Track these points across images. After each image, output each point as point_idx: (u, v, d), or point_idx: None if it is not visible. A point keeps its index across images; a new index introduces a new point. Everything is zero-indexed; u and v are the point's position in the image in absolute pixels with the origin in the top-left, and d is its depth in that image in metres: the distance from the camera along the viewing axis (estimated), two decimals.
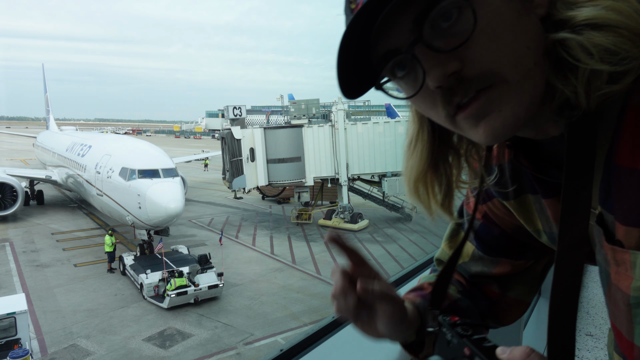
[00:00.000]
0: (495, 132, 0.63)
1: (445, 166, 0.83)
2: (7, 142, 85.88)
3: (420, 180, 0.82)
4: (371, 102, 37.28)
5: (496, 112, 0.61)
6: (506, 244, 1.01)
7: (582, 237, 0.63)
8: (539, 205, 0.85)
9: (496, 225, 1.01)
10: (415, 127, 0.81)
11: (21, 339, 11.13)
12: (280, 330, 13.21)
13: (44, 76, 47.69)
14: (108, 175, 19.13)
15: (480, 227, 1.03)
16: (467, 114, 0.62)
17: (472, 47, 0.58)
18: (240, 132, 23.38)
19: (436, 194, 0.83)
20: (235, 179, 23.46)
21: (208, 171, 47.69)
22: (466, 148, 0.84)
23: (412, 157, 0.82)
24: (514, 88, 0.60)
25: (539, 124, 0.70)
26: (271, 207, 31.14)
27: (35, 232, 23.34)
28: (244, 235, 23.36)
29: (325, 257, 19.79)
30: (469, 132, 0.65)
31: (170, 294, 14.60)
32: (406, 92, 0.68)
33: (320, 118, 27.46)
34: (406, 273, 2.10)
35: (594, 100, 0.59)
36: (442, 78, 0.60)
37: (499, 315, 1.07)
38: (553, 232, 0.86)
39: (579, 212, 0.63)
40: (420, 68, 0.61)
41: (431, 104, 0.65)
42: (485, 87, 0.60)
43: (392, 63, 0.64)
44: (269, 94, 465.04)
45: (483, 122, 0.62)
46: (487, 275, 1.05)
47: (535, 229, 0.91)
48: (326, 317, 1.67)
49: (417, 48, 0.60)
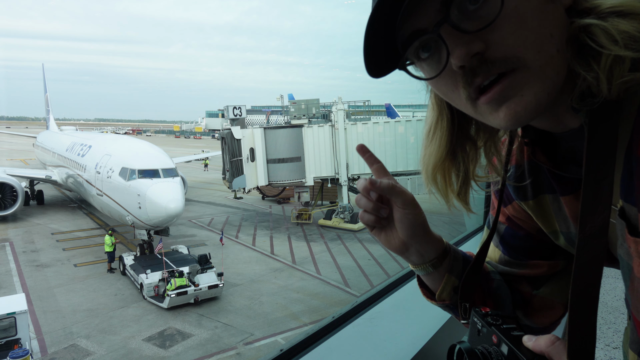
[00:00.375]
0: (516, 116, 0.63)
1: (463, 155, 0.84)
2: (7, 142, 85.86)
3: (439, 168, 0.84)
4: (371, 102, 37.21)
5: (518, 96, 0.62)
6: (533, 245, 1.01)
7: (604, 226, 0.62)
8: (557, 204, 0.86)
9: (521, 228, 1.01)
10: (434, 115, 0.82)
11: (21, 339, 11.12)
12: (280, 330, 13.20)
13: (44, 76, 47.67)
14: (108, 175, 19.13)
15: (506, 231, 1.03)
16: (488, 98, 0.64)
17: (497, 30, 0.60)
18: (240, 132, 23.37)
19: (453, 183, 0.85)
20: (235, 179, 23.45)
21: (208, 171, 47.67)
22: (485, 141, 0.85)
23: (431, 144, 0.84)
24: (536, 73, 0.61)
25: (558, 113, 0.71)
26: (271, 207, 31.13)
27: (35, 232, 23.33)
28: (244, 235, 23.35)
29: (325, 257, 19.79)
30: (489, 118, 0.66)
31: (170, 294, 14.59)
32: (429, 74, 0.69)
33: (320, 118, 27.43)
34: (406, 273, 2.10)
35: (615, 88, 0.60)
36: (465, 57, 0.61)
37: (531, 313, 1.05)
38: (571, 232, 0.86)
39: (600, 200, 0.62)
40: (444, 48, 0.63)
41: (453, 86, 0.67)
42: (508, 71, 0.61)
43: (418, 44, 0.66)
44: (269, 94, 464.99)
45: (504, 106, 0.63)
46: (516, 274, 1.05)
47: (553, 230, 0.91)
48: (326, 317, 1.67)
49: (443, 28, 0.62)
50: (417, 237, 0.88)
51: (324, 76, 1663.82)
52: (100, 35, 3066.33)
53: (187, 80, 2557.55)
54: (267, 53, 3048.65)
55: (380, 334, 1.60)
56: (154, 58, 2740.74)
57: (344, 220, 24.91)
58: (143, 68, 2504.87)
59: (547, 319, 1.05)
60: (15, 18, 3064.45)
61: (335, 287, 16.45)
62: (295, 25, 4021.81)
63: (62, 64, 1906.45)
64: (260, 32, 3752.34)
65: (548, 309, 1.05)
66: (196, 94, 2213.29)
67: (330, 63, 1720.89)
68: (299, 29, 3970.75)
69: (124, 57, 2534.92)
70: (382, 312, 1.80)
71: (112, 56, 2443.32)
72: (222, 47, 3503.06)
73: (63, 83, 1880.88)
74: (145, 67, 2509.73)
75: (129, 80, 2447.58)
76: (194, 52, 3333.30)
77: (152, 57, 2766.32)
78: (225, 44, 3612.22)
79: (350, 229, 24.02)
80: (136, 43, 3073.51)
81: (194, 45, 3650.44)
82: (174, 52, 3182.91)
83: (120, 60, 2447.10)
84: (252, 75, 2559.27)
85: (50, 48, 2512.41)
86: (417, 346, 1.52)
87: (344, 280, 16.89)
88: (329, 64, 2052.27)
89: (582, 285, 0.62)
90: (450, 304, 0.97)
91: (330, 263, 18.99)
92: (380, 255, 19.54)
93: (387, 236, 0.89)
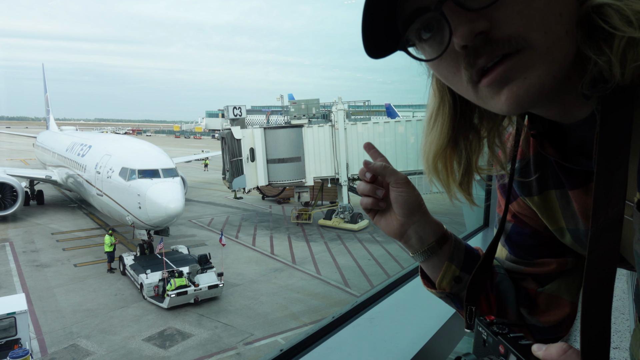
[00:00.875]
0: (518, 100, 0.60)
1: (466, 143, 0.81)
2: (7, 142, 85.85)
3: (440, 156, 0.81)
4: (371, 102, 37.19)
5: (521, 78, 0.59)
6: (540, 243, 0.98)
7: (618, 219, 0.58)
8: (565, 200, 0.83)
9: (527, 225, 0.98)
10: (436, 101, 0.80)
11: (21, 339, 11.12)
12: (280, 330, 13.21)
13: (44, 76, 47.67)
14: (108, 175, 19.14)
15: (512, 229, 1.01)
16: (490, 80, 0.61)
17: (503, 8, 0.57)
18: (240, 132, 23.38)
19: (455, 171, 0.82)
20: (235, 179, 23.46)
21: (208, 171, 47.67)
22: (489, 130, 0.82)
23: (432, 132, 0.81)
24: (542, 55, 0.58)
25: (567, 101, 0.68)
26: (271, 207, 31.13)
27: (35, 232, 23.33)
28: (244, 235, 23.35)
29: (325, 257, 19.79)
30: (491, 102, 0.64)
31: (170, 294, 14.59)
32: (430, 56, 0.66)
33: (320, 118, 27.43)
34: (406, 273, 2.10)
35: (629, 72, 0.56)
36: (469, 36, 0.58)
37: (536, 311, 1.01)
38: (579, 229, 0.83)
39: (614, 192, 0.59)
40: (447, 27, 0.60)
41: (455, 68, 0.64)
42: (512, 52, 0.58)
43: (419, 23, 0.63)
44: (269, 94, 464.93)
45: (506, 88, 0.60)
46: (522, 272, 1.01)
47: (558, 227, 0.89)
48: (326, 317, 1.67)
49: (446, 6, 0.59)
50: (413, 215, 0.88)
51: (324, 76, 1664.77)
52: (100, 35, 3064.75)
53: (187, 80, 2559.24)
54: (267, 53, 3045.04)
55: (380, 334, 1.60)
56: (154, 58, 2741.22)
57: (344, 220, 24.91)
58: (143, 68, 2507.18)
59: (552, 317, 1.01)
60: (15, 18, 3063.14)
61: (335, 287, 16.46)
62: (295, 25, 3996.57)
63: (62, 64, 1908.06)
64: (260, 32, 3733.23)
65: (554, 306, 1.01)
66: (196, 94, 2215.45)
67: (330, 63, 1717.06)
68: (299, 29, 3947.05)
69: (124, 57, 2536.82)
70: (382, 312, 1.80)
71: (112, 56, 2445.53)
72: (222, 47, 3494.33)
73: (63, 83, 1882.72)
74: (145, 67, 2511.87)
75: (129, 80, 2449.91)
76: (194, 52, 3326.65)
77: (152, 57, 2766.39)
78: (225, 44, 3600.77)
79: (350, 229, 24.02)
80: (136, 43, 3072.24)
81: (194, 45, 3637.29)
82: (174, 52, 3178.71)
83: (121, 60, 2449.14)
84: (252, 75, 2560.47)
85: (50, 48, 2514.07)
86: (417, 346, 1.52)
87: (344, 280, 16.90)
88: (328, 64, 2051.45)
89: (595, 281, 0.59)
90: (450, 294, 0.96)
91: (330, 263, 19.00)
92: (380, 256, 19.55)
93: (387, 220, 0.90)
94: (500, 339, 0.65)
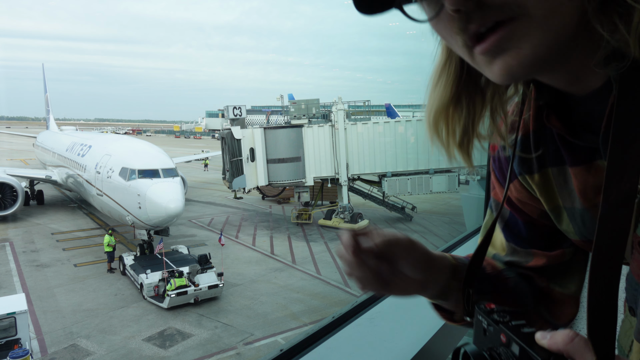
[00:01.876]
0: (511, 71, 0.57)
1: (469, 102, 0.77)
2: (7, 142, 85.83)
3: (442, 113, 0.77)
4: (371, 102, 37.17)
5: (514, 49, 0.55)
6: (534, 234, 0.94)
7: (631, 195, 0.55)
8: (563, 177, 0.81)
9: (521, 213, 0.95)
10: (442, 58, 0.76)
11: (21, 339, 11.12)
12: (280, 330, 13.21)
13: (44, 76, 47.69)
14: (108, 175, 19.14)
15: (510, 217, 0.97)
16: (483, 49, 0.57)
17: None
18: (240, 132, 23.39)
19: (456, 131, 0.78)
20: (235, 179, 23.47)
21: (208, 171, 47.68)
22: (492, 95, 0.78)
23: (436, 88, 0.77)
24: (538, 24, 0.53)
25: (574, 70, 0.64)
26: (271, 207, 31.14)
27: (35, 232, 23.33)
28: (244, 235, 23.35)
29: (325, 257, 19.79)
30: (485, 69, 0.61)
31: (170, 294, 14.60)
32: (427, 15, 0.63)
33: (320, 118, 27.43)
34: None
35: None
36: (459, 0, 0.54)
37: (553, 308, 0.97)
38: (575, 208, 0.80)
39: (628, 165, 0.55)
40: None
41: (450, 31, 0.60)
42: (506, 20, 0.54)
43: None
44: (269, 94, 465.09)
45: (499, 59, 0.57)
46: (523, 266, 0.97)
47: (555, 206, 0.86)
48: (326, 317, 1.67)
49: None
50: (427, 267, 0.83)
51: (324, 76, 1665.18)
52: (100, 35, 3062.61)
53: (187, 80, 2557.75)
54: (267, 53, 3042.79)
55: (380, 334, 1.60)
56: (154, 58, 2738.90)
57: (344, 220, 24.91)
58: (143, 68, 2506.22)
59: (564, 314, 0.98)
60: (15, 18, 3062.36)
61: (335, 287, 16.47)
62: (295, 26, 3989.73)
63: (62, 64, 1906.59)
64: (260, 32, 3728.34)
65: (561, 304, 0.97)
66: (196, 94, 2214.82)
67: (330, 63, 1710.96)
68: (299, 29, 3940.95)
69: (124, 57, 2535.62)
70: (382, 312, 1.80)
71: (112, 56, 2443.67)
72: (222, 47, 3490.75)
73: (63, 83, 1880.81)
74: (145, 67, 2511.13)
75: (129, 80, 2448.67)
76: (194, 52, 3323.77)
77: (152, 57, 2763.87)
78: (225, 44, 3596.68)
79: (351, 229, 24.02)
80: (136, 43, 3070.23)
81: (194, 45, 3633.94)
82: (174, 52, 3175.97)
83: (121, 60, 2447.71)
84: (252, 75, 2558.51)
85: (50, 48, 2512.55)
86: (417, 346, 1.52)
87: (344, 280, 16.89)
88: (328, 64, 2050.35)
89: (604, 259, 0.55)
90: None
91: (330, 263, 19.00)
92: None
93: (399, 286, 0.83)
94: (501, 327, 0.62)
